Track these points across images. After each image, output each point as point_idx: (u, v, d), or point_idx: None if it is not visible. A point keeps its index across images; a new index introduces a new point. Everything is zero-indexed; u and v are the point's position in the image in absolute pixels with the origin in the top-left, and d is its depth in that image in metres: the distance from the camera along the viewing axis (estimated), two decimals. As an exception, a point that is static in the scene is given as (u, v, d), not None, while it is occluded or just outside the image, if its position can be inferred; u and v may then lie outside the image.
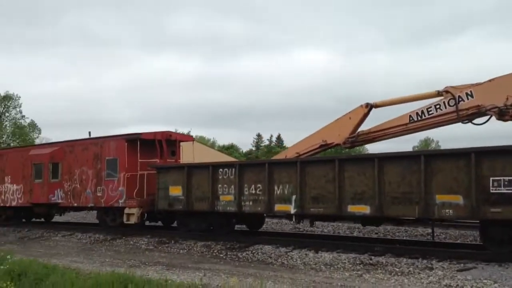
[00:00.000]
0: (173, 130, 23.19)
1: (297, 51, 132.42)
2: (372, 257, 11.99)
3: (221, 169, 15.31)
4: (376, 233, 16.52)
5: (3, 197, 22.88)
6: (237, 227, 17.16)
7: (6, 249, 15.48)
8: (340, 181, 12.72)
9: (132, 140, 17.96)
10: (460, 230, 16.00)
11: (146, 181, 17.47)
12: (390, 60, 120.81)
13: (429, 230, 15.34)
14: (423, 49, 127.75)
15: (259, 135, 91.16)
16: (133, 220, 17.12)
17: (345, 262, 11.75)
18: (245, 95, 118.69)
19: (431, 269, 10.62)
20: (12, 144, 50.81)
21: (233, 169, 14.98)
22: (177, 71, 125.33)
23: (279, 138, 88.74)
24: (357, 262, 11.66)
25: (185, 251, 14.74)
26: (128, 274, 9.88)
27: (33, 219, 23.56)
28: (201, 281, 9.52)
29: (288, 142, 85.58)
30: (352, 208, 12.63)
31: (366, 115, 15.45)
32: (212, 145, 74.92)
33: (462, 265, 10.70)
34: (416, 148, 70.22)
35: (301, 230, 18.24)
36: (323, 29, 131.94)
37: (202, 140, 66.50)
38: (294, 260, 12.44)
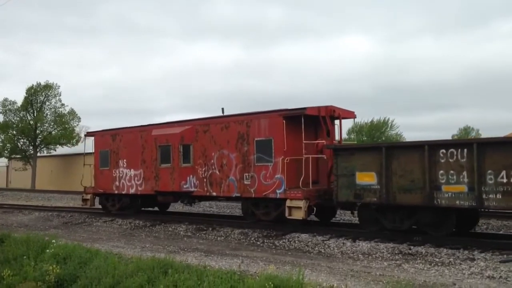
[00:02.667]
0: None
1: (338, 37, 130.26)
2: (411, 247, 11.85)
3: (443, 150, 11.78)
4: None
5: (117, 183, 20.13)
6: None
7: (51, 233, 16.13)
8: None
9: (293, 117, 14.82)
10: (503, 221, 15.56)
11: (311, 167, 14.49)
12: (435, 46, 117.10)
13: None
14: (469, 35, 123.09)
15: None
16: (299, 215, 14.06)
17: (383, 252, 11.66)
18: (285, 82, 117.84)
19: (473, 260, 10.40)
20: (53, 133, 52.39)
21: (467, 150, 11.45)
22: (217, 58, 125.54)
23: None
24: (396, 252, 11.55)
25: (223, 238, 14.94)
26: (168, 259, 10.13)
27: (143, 208, 21.18)
28: (239, 268, 9.65)
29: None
30: None
31: None
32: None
33: (505, 256, 10.45)
34: (456, 137, 68.08)
35: (337, 219, 18.15)
36: (366, 15, 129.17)
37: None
38: (331, 249, 12.42)
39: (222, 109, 18.99)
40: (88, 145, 25.53)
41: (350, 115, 16.64)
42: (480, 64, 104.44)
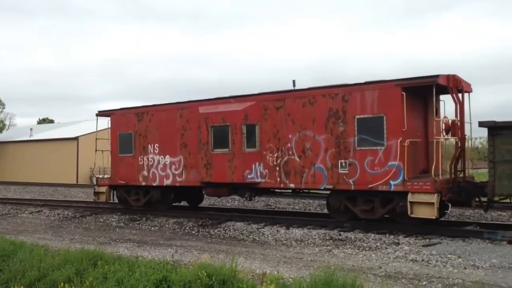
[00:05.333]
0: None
1: (283, 26, 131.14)
2: (341, 233, 12.24)
3: None
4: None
5: (145, 173, 16.65)
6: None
7: (-29, 226, 15.19)
8: None
9: (415, 87, 11.97)
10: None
11: (441, 152, 12.01)
12: (374, 40, 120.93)
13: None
14: (404, 30, 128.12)
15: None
16: (429, 213, 11.33)
17: (315, 238, 11.97)
18: (228, 71, 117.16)
19: (398, 244, 10.92)
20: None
21: None
22: (156, 45, 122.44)
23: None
24: (327, 238, 11.90)
25: (157, 228, 14.71)
26: (98, 251, 9.84)
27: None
28: (172, 257, 9.56)
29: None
30: None
31: None
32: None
33: (427, 240, 11.05)
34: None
35: (272, 207, 18.42)
36: (314, 3, 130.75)
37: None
38: (266, 236, 12.59)
39: (293, 81, 15.21)
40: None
41: (468, 88, 13.34)
42: (413, 59, 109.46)
